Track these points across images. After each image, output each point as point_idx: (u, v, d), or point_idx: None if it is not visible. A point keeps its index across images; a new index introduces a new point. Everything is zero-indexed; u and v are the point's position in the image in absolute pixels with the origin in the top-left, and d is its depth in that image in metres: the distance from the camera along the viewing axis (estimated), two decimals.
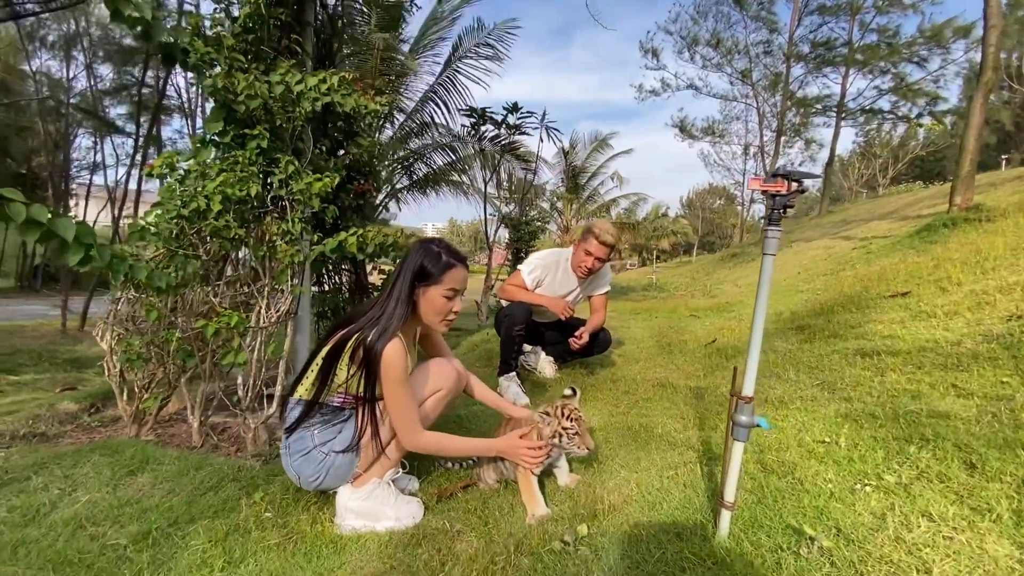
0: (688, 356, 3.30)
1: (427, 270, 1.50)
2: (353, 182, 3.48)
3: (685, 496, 1.46)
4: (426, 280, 1.51)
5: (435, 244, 1.56)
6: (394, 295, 1.49)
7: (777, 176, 1.07)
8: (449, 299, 1.54)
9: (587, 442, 1.58)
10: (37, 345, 4.59)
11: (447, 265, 1.52)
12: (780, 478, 1.47)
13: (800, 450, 1.63)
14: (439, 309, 1.54)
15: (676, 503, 1.42)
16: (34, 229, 1.84)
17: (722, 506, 1.19)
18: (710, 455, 1.72)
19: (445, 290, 1.52)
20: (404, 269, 1.51)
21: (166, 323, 2.45)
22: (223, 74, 2.43)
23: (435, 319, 1.56)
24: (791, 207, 1.08)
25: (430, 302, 1.53)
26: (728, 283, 8.06)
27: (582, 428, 1.59)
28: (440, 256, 1.52)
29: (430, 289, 1.52)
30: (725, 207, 42.35)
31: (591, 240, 2.60)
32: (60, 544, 1.40)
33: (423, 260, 1.51)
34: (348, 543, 1.44)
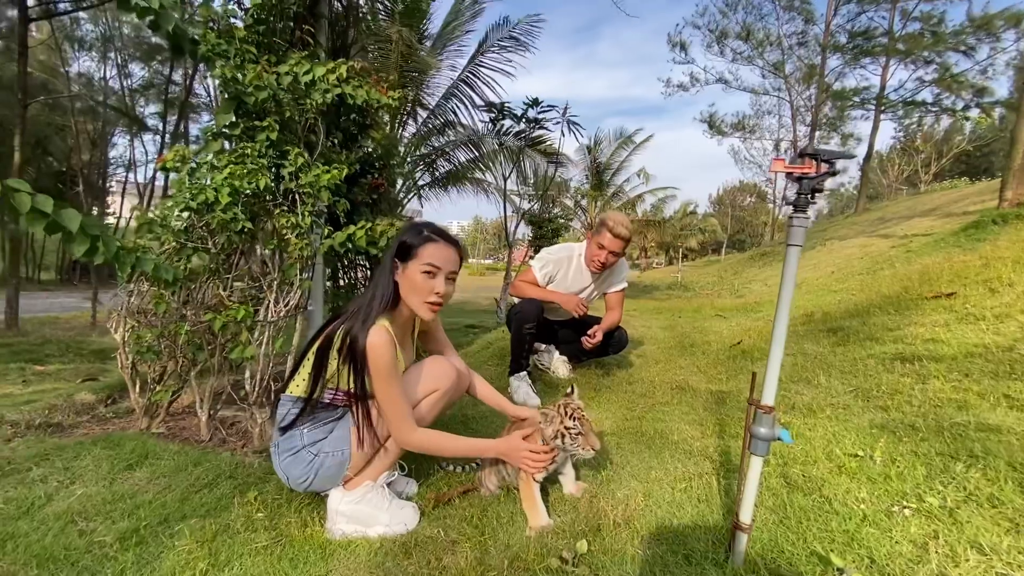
0: (711, 358, 3.14)
1: (405, 244, 1.42)
2: (367, 176, 3.44)
3: (698, 512, 1.34)
4: (405, 256, 1.42)
5: (420, 223, 1.48)
6: (376, 281, 1.42)
7: (804, 156, 0.94)
8: (430, 275, 1.40)
9: (592, 442, 1.47)
10: (67, 336, 4.72)
11: (425, 239, 1.41)
12: (806, 495, 1.33)
13: (829, 464, 1.49)
14: (419, 287, 1.40)
15: (688, 520, 1.30)
16: (40, 219, 1.83)
17: (738, 528, 1.06)
18: (729, 467, 1.58)
19: (423, 265, 1.39)
20: (388, 253, 1.45)
21: (177, 316, 2.44)
22: (232, 65, 2.40)
23: (416, 300, 1.42)
24: (820, 191, 0.95)
25: (409, 281, 1.41)
26: (757, 282, 7.76)
27: (586, 427, 1.48)
28: (421, 231, 1.44)
29: (409, 266, 1.41)
30: (756, 205, 41.22)
31: (604, 233, 2.47)
32: (48, 539, 1.37)
33: (404, 237, 1.43)
34: (337, 549, 1.37)
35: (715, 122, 19.17)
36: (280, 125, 2.51)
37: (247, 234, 2.49)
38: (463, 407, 2.50)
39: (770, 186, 28.03)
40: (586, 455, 1.48)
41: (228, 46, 2.48)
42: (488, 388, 1.75)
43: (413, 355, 1.63)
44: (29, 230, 1.77)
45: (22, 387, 2.98)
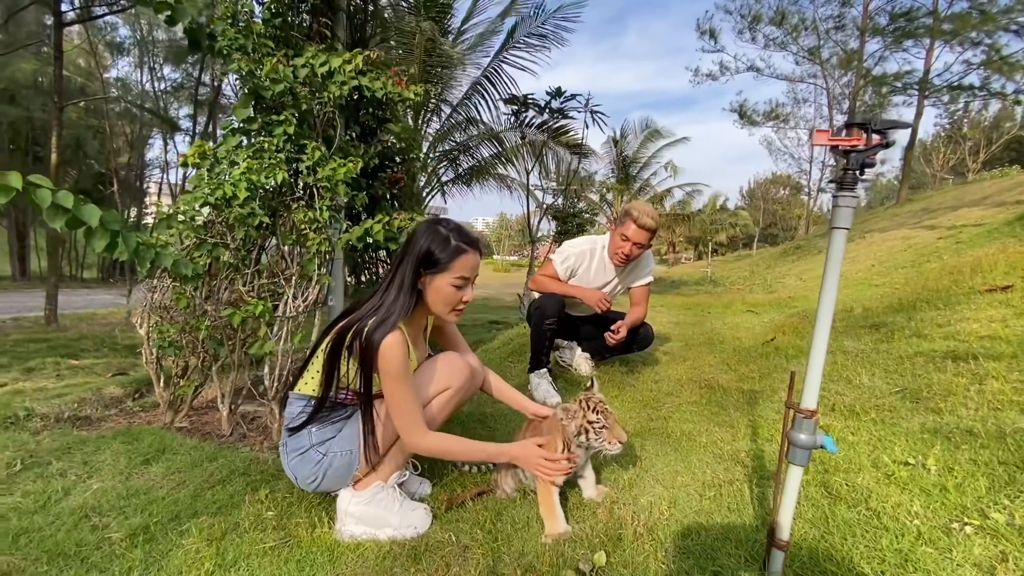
0: (742, 356, 2.98)
1: (434, 256, 1.33)
2: (386, 171, 3.40)
3: (728, 524, 1.23)
4: (433, 267, 1.34)
5: (443, 226, 1.38)
6: (396, 282, 1.34)
7: (852, 126, 0.82)
8: (459, 288, 1.37)
9: (618, 435, 1.38)
10: (102, 331, 4.87)
11: (457, 251, 1.34)
12: (850, 508, 1.21)
13: (876, 473, 1.35)
14: (447, 299, 1.37)
15: (717, 533, 1.19)
16: (60, 215, 1.83)
17: (774, 545, 0.95)
18: (762, 473, 1.47)
19: (454, 278, 1.35)
20: (408, 254, 1.35)
21: (200, 311, 2.44)
22: (248, 58, 2.38)
23: (444, 309, 1.39)
24: (870, 165, 0.83)
25: (437, 291, 1.36)
26: (791, 277, 7.45)
27: (610, 420, 1.39)
28: (449, 240, 1.35)
29: (437, 277, 1.35)
30: (789, 197, 39.88)
31: (629, 224, 2.35)
32: (61, 535, 1.36)
33: (430, 244, 1.34)
34: (345, 551, 1.32)
35: (746, 111, 18.51)
36: (298, 119, 2.49)
37: (266, 229, 2.48)
38: (481, 404, 2.43)
39: (805, 177, 27.02)
40: (613, 450, 1.39)
41: (245, 40, 2.47)
42: (505, 386, 1.67)
43: (426, 352, 1.56)
44: (52, 225, 1.78)
45: (56, 381, 3.06)
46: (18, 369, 3.29)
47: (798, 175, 27.63)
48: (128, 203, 14.15)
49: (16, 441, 1.94)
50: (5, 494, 1.56)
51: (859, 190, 0.87)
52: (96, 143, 13.65)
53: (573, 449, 1.42)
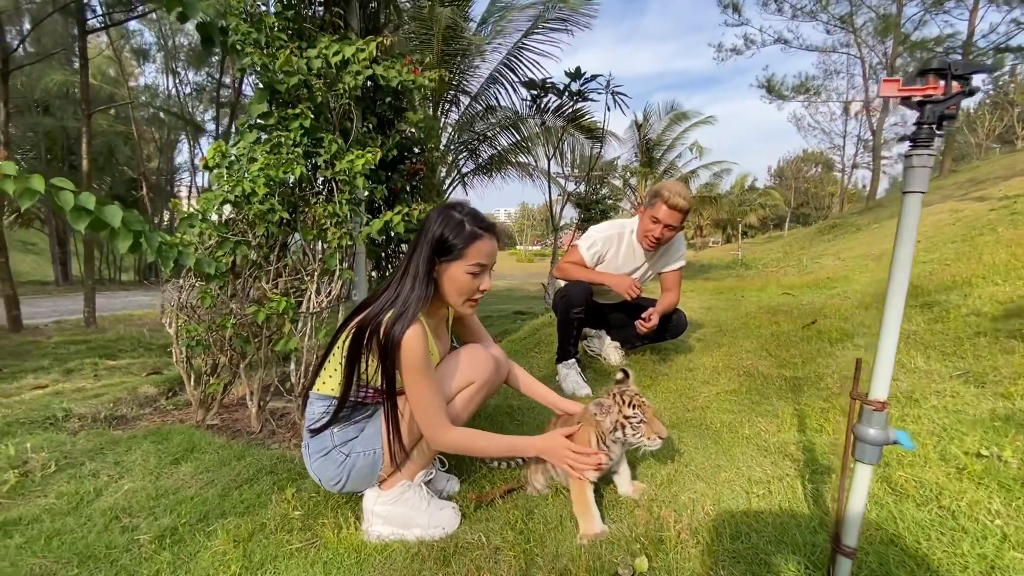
0: (781, 340, 2.83)
1: (448, 242, 1.26)
2: (405, 162, 3.34)
3: (782, 525, 1.12)
4: (447, 254, 1.27)
5: (457, 210, 1.30)
6: (411, 273, 1.27)
7: (928, 73, 0.70)
8: (475, 276, 1.29)
9: (658, 429, 1.29)
10: (138, 332, 4.99)
11: (471, 236, 1.27)
12: (920, 507, 1.09)
13: (945, 466, 1.23)
14: (463, 288, 1.30)
15: (770, 535, 1.09)
16: (84, 216, 1.84)
17: (839, 551, 0.85)
18: (815, 467, 1.35)
19: (469, 266, 1.27)
20: (421, 241, 1.28)
21: (226, 310, 2.45)
22: (261, 52, 2.34)
23: (458, 299, 1.32)
24: (951, 117, 0.71)
25: (452, 280, 1.29)
26: (828, 257, 7.12)
27: (648, 414, 1.30)
28: (463, 225, 1.27)
29: (452, 265, 1.28)
30: (822, 175, 38.38)
31: (659, 205, 2.23)
32: (92, 537, 1.36)
33: (443, 230, 1.26)
34: (372, 553, 1.28)
35: (774, 86, 17.77)
36: (314, 112, 2.45)
37: (286, 225, 2.46)
38: (507, 396, 2.36)
39: (838, 153, 25.88)
40: (652, 446, 1.29)
41: (258, 34, 2.43)
42: (531, 380, 1.60)
43: (448, 345, 1.50)
44: (75, 228, 1.78)
45: (93, 381, 3.13)
46: (58, 370, 3.38)
47: (830, 151, 26.48)
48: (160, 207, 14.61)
49: (53, 442, 1.97)
50: (40, 495, 1.57)
51: (935, 146, 0.75)
52: (127, 149, 14.13)
53: (608, 444, 1.33)
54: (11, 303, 4.95)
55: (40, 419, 2.31)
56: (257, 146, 2.37)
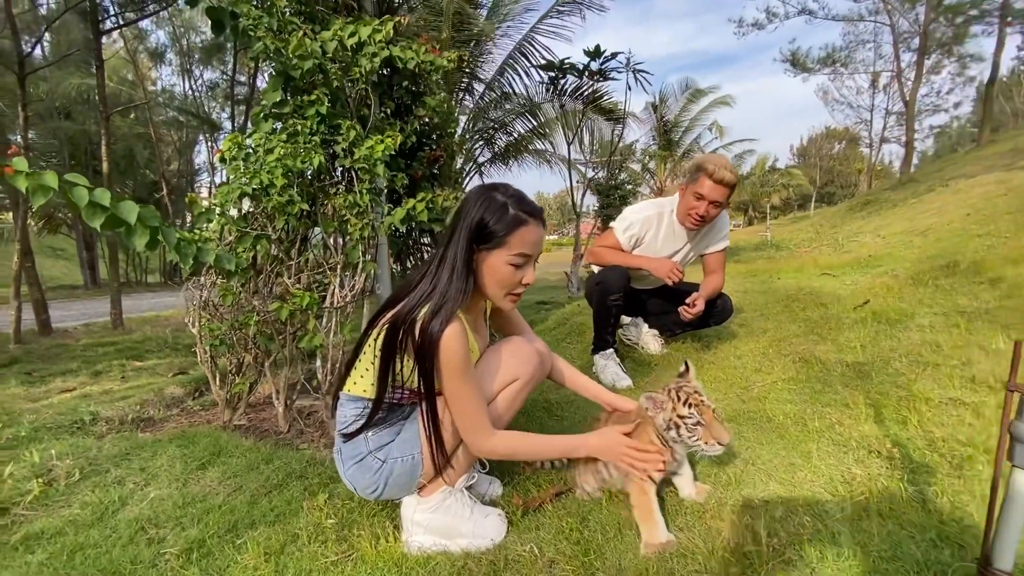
0: (833, 323, 2.64)
1: (488, 228, 1.12)
2: (424, 149, 3.22)
3: (890, 539, 0.97)
4: (487, 242, 1.13)
5: (500, 192, 1.15)
6: (448, 263, 1.13)
7: None
8: (518, 267, 1.15)
9: (718, 434, 1.13)
10: (164, 333, 5.00)
11: (515, 221, 1.12)
12: None
13: None
14: (504, 280, 1.16)
15: (879, 551, 0.93)
16: (99, 213, 1.75)
17: None
18: (912, 466, 1.19)
19: (512, 255, 1.13)
20: (459, 227, 1.14)
21: (249, 307, 2.37)
22: (273, 35, 2.23)
23: (498, 292, 1.18)
24: None
25: (492, 271, 1.15)
26: (866, 234, 6.79)
27: (707, 416, 1.15)
28: (506, 209, 1.12)
29: (492, 254, 1.14)
30: (847, 152, 37.10)
31: (702, 180, 2.05)
32: (116, 551, 1.28)
33: (483, 214, 1.12)
34: (415, 566, 1.16)
35: (799, 59, 17.06)
36: (330, 98, 2.34)
37: (306, 218, 2.36)
38: (544, 391, 2.23)
39: (865, 128, 24.88)
40: (711, 451, 1.15)
41: (270, 18, 2.32)
42: (575, 373, 1.46)
43: (487, 339, 1.37)
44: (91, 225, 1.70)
45: (120, 383, 3.11)
46: (86, 373, 3.37)
47: (857, 126, 25.48)
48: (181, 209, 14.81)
49: (78, 448, 1.91)
50: (64, 506, 1.50)
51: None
52: (147, 152, 14.34)
53: (670, 443, 1.19)
54: (39, 307, 5.00)
55: (67, 423, 2.27)
56: (273, 136, 2.27)
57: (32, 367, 3.67)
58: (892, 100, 21.31)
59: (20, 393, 2.89)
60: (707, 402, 1.18)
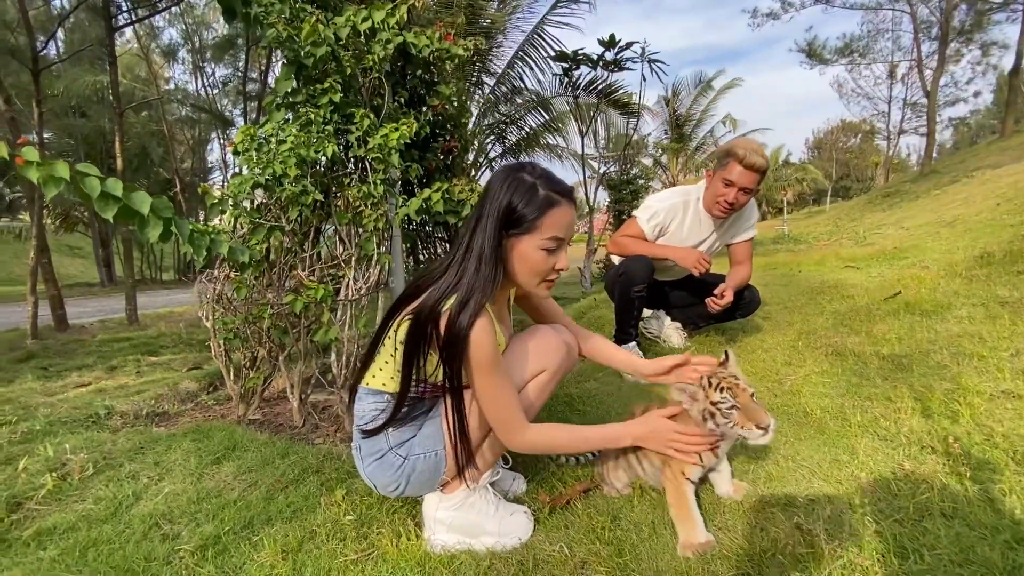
0: (863, 315, 2.54)
1: (517, 212, 1.04)
2: (438, 140, 3.17)
3: (958, 540, 0.89)
4: (517, 226, 1.05)
5: (528, 172, 1.08)
6: (474, 251, 1.05)
7: None
8: (551, 252, 1.07)
9: (756, 416, 1.03)
10: (179, 328, 5.01)
11: (546, 203, 1.05)
12: None
13: None
14: (536, 267, 1.08)
15: (949, 554, 0.85)
16: (111, 204, 1.71)
17: None
18: (971, 462, 1.10)
19: (544, 240, 1.06)
20: (486, 212, 1.06)
21: (263, 300, 2.33)
22: (284, 22, 2.18)
23: (532, 280, 1.11)
24: None
25: (524, 258, 1.07)
26: (888, 226, 6.61)
27: (744, 399, 1.06)
28: (535, 190, 1.05)
29: (523, 240, 1.06)
30: (863, 145, 36.40)
31: (732, 165, 1.96)
32: (130, 547, 1.23)
33: (511, 197, 1.04)
34: (438, 566, 1.11)
35: (815, 49, 16.69)
36: (343, 87, 2.29)
37: (320, 209, 2.32)
38: (565, 384, 2.17)
39: (882, 120, 24.33)
40: (756, 437, 1.03)
41: (282, 4, 2.27)
42: (606, 344, 1.41)
43: (511, 329, 1.31)
44: (103, 216, 1.66)
45: (135, 378, 3.10)
46: (102, 368, 3.37)
47: (874, 118, 24.92)
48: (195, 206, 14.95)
49: (93, 442, 1.88)
50: (78, 500, 1.47)
51: None
52: (160, 150, 14.50)
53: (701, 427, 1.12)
54: (56, 303, 5.04)
55: (82, 417, 2.25)
56: (287, 125, 2.23)
57: (48, 362, 3.68)
58: (911, 91, 20.81)
59: (36, 387, 2.88)
60: (743, 385, 1.09)
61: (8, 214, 20.10)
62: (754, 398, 1.09)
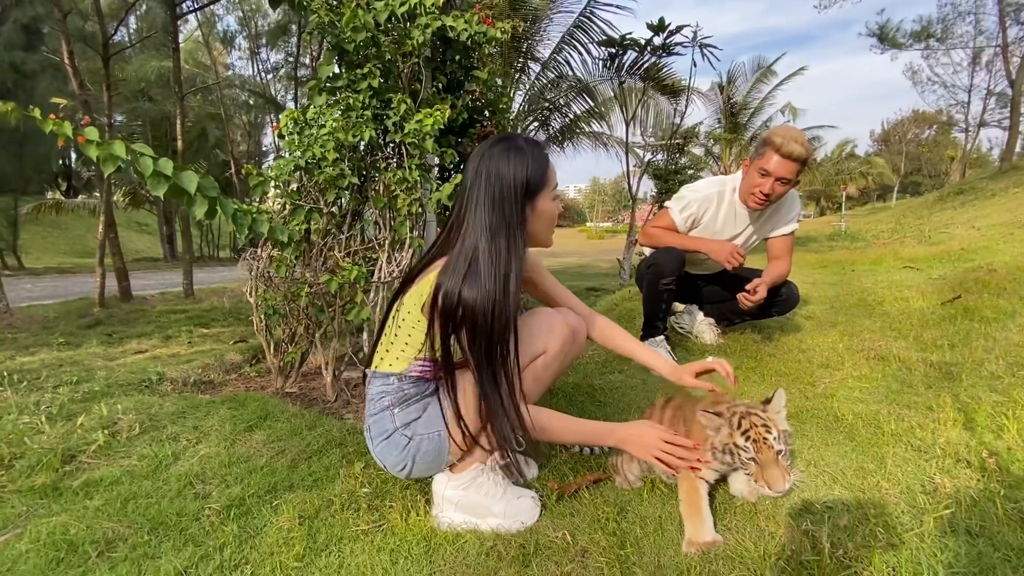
0: (915, 319, 2.38)
1: (532, 179, 1.12)
2: (475, 126, 3.17)
3: (979, 560, 0.83)
4: (535, 193, 1.14)
5: (515, 142, 1.15)
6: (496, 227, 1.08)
7: None
8: (555, 198, 1.20)
9: (770, 479, 0.96)
10: (230, 303, 5.29)
11: (543, 158, 1.15)
12: None
13: None
14: (552, 218, 1.21)
15: (970, 571, 0.81)
16: (162, 182, 1.83)
17: None
18: (1010, 478, 1.03)
19: (551, 190, 1.18)
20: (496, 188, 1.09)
21: (302, 279, 2.43)
22: (328, 8, 2.24)
23: (548, 233, 1.23)
24: None
25: (541, 216, 1.17)
26: (957, 225, 6.12)
27: (766, 456, 0.97)
28: (533, 153, 1.14)
29: (539, 199, 1.15)
30: (938, 137, 33.69)
31: (769, 154, 1.86)
32: (165, 503, 1.33)
33: (523, 169, 1.11)
34: (443, 543, 1.14)
35: (888, 33, 15.49)
36: (382, 72, 2.33)
37: (357, 193, 2.39)
38: (588, 375, 2.16)
39: (961, 110, 22.39)
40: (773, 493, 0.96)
41: None
42: (622, 334, 1.40)
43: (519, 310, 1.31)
44: (154, 193, 1.78)
45: (187, 348, 3.30)
46: (158, 337, 3.62)
47: (952, 108, 22.95)
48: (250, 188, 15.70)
49: (142, 404, 2.03)
50: (124, 456, 1.59)
51: None
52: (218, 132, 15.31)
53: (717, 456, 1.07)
54: (121, 275, 5.44)
55: (136, 381, 2.42)
56: (327, 110, 2.30)
57: (112, 329, 3.99)
58: (995, 79, 19.04)
59: (99, 352, 3.13)
60: (771, 441, 0.99)
61: (85, 191, 21.78)
62: (781, 457, 0.99)
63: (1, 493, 1.40)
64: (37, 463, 1.51)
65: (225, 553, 1.12)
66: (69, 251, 19.23)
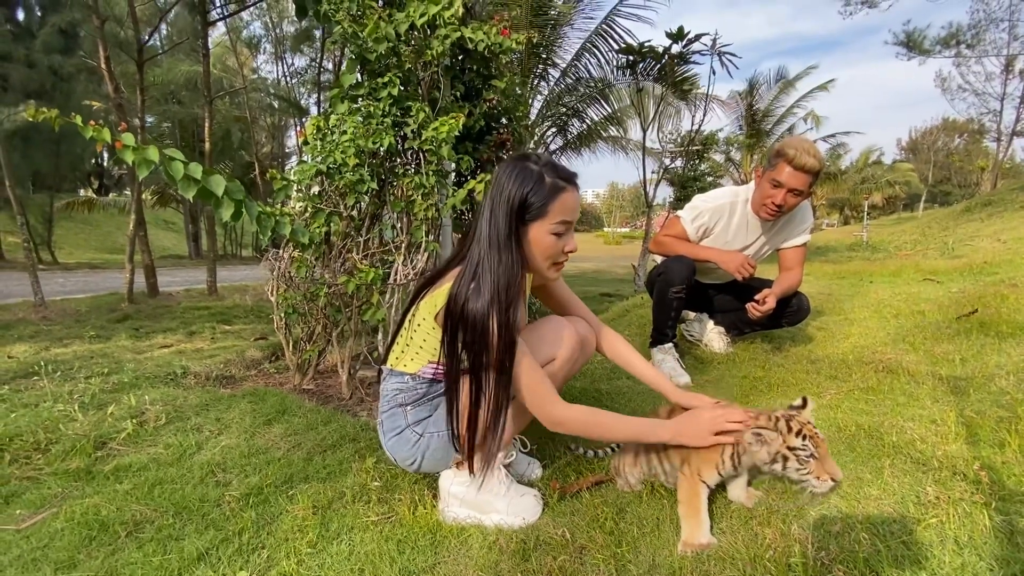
0: (929, 333, 2.36)
1: (528, 201, 1.11)
2: (492, 133, 3.24)
3: (964, 567, 0.85)
4: (529, 214, 1.12)
5: (533, 162, 1.15)
6: (492, 240, 1.11)
7: None
8: (559, 236, 1.15)
9: (832, 469, 0.99)
10: (252, 301, 5.45)
11: (554, 189, 1.12)
12: None
13: None
14: (548, 250, 1.16)
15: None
16: (192, 185, 1.93)
17: None
18: (1002, 492, 1.04)
19: (553, 224, 1.13)
20: (496, 201, 1.13)
21: (321, 280, 2.51)
22: (350, 19, 2.33)
23: (544, 264, 1.18)
24: None
25: (536, 243, 1.15)
26: (982, 238, 5.99)
27: (823, 449, 1.01)
28: (542, 178, 1.12)
29: (534, 227, 1.13)
30: (968, 147, 32.78)
31: (782, 166, 1.89)
32: (188, 489, 1.41)
33: (521, 187, 1.11)
34: (448, 536, 1.19)
35: (916, 40, 15.16)
36: (402, 81, 2.41)
37: (376, 198, 2.47)
38: (595, 380, 2.19)
39: (993, 119, 21.74)
40: (821, 489, 0.99)
41: (350, 1, 2.42)
42: (630, 353, 1.41)
43: (526, 316, 1.36)
44: (184, 195, 1.88)
45: (210, 343, 3.43)
46: (183, 332, 3.75)
47: (983, 116, 22.30)
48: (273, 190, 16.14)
49: (168, 396, 2.13)
50: (151, 445, 1.69)
51: None
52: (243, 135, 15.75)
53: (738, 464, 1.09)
54: (149, 272, 5.64)
55: (162, 375, 2.53)
56: (348, 117, 2.38)
57: (139, 324, 4.15)
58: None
59: (128, 345, 3.27)
60: (821, 435, 1.03)
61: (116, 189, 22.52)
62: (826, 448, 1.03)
63: (39, 475, 1.50)
64: (71, 448, 1.61)
65: (243, 538, 1.19)
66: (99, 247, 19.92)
